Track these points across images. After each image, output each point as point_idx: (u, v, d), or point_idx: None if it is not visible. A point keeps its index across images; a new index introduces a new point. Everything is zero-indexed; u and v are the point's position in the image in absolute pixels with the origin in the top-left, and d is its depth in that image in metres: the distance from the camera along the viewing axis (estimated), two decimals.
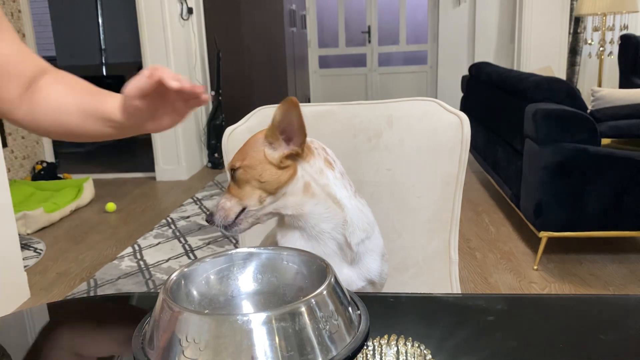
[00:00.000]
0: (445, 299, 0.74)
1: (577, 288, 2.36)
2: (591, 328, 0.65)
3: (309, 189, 0.83)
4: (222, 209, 0.84)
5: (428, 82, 6.59)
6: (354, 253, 0.86)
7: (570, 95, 2.57)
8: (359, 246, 0.86)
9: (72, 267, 2.81)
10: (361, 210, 0.87)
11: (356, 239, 0.85)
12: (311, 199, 0.83)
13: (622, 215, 2.36)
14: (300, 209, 0.83)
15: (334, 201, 0.84)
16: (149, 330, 0.54)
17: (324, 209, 0.83)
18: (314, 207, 0.83)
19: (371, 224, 0.88)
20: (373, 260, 0.88)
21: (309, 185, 0.83)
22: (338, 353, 0.50)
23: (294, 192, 0.83)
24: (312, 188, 0.83)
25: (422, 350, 0.56)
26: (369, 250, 0.87)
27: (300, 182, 0.82)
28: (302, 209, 0.83)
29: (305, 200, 0.83)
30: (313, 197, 0.83)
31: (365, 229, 0.86)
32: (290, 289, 0.62)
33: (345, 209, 0.84)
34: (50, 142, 4.69)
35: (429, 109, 1.09)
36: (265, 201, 0.83)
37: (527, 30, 5.10)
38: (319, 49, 6.81)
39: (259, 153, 0.82)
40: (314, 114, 1.14)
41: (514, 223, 3.16)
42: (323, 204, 0.83)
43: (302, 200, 0.83)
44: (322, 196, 0.83)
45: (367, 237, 0.87)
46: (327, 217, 0.83)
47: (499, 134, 3.33)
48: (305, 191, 0.83)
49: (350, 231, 0.84)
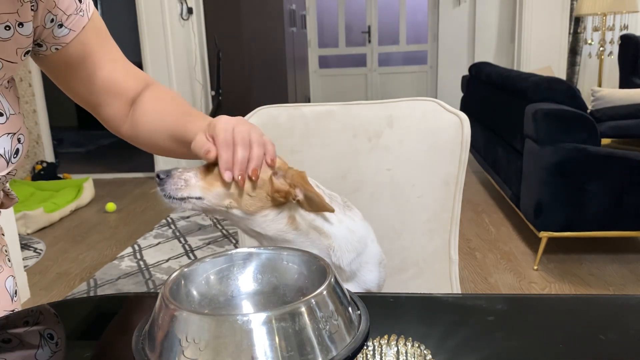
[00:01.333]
0: (445, 299, 0.74)
1: (577, 288, 2.36)
2: (591, 328, 0.65)
3: (293, 222, 0.79)
4: (182, 181, 0.74)
5: (428, 82, 6.59)
6: (347, 273, 0.83)
7: (570, 95, 2.57)
8: (352, 265, 0.83)
9: (72, 267, 2.81)
10: (351, 230, 0.83)
11: (346, 260, 0.82)
12: (294, 230, 0.79)
13: (622, 215, 2.36)
14: (282, 236, 0.79)
15: (320, 232, 0.80)
16: (148, 331, 0.54)
17: (306, 239, 0.80)
18: (296, 237, 0.79)
19: (362, 240, 0.85)
20: (369, 272, 0.86)
21: (294, 218, 0.79)
22: (338, 353, 0.50)
23: (277, 220, 0.78)
24: (297, 222, 0.79)
25: (422, 350, 0.56)
26: (364, 263, 0.85)
27: (284, 214, 0.78)
28: (284, 237, 0.79)
29: (287, 230, 0.79)
30: (297, 229, 0.79)
31: (354, 248, 0.83)
32: (290, 289, 0.62)
33: (332, 237, 0.81)
34: (50, 142, 4.69)
35: (429, 109, 1.09)
36: (231, 211, 0.76)
37: (527, 30, 5.10)
38: (319, 49, 6.81)
39: (265, 173, 0.75)
40: (314, 114, 1.14)
41: (514, 223, 3.16)
42: (305, 236, 0.80)
43: (285, 229, 0.79)
44: (305, 229, 0.79)
45: (359, 254, 0.84)
46: (309, 245, 0.80)
47: (499, 134, 3.33)
48: (289, 222, 0.79)
49: (338, 256, 0.81)
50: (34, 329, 0.70)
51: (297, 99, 5.87)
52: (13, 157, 0.72)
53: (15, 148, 0.72)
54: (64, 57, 0.77)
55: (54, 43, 0.74)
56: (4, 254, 0.84)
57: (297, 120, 1.14)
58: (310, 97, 6.72)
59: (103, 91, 0.82)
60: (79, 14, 0.74)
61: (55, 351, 0.65)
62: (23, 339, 0.68)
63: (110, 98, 0.83)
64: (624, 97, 3.43)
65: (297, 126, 1.14)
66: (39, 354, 0.64)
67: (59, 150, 4.85)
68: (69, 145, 6.10)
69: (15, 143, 0.72)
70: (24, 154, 0.75)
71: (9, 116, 0.71)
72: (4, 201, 0.82)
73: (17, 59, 0.70)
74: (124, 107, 0.85)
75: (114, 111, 0.84)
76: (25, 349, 0.66)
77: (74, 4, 0.74)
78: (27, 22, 0.68)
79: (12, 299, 0.83)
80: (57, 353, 0.65)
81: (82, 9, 0.75)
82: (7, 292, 0.82)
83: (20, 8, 0.66)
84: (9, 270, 0.84)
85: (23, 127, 0.75)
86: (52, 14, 0.71)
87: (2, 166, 0.70)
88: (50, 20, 0.71)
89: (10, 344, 0.67)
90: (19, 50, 0.70)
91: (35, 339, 0.67)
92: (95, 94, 0.82)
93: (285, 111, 1.15)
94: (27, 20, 0.68)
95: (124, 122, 0.85)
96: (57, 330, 0.70)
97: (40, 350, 0.65)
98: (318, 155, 1.12)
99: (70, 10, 0.73)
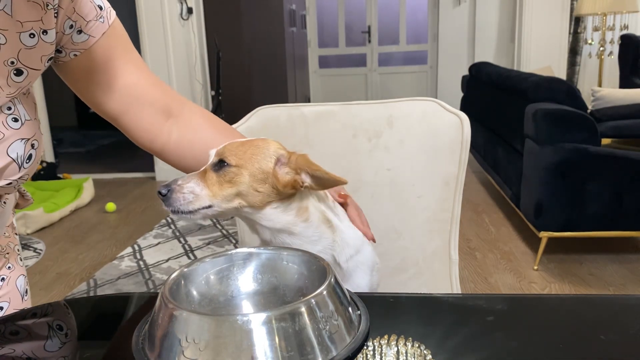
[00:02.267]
0: (445, 299, 0.74)
1: (577, 288, 2.36)
2: (591, 328, 0.64)
3: (303, 213, 0.77)
4: (189, 194, 0.73)
5: (428, 82, 6.59)
6: (343, 270, 0.82)
7: (570, 95, 2.57)
8: (348, 262, 0.82)
9: (72, 267, 2.81)
10: (351, 226, 0.84)
11: (345, 256, 0.81)
12: (303, 222, 0.77)
13: (622, 215, 2.36)
14: (290, 229, 0.77)
15: (328, 225, 0.79)
16: (148, 330, 0.54)
17: (314, 232, 0.78)
18: (304, 229, 0.77)
19: (360, 238, 0.84)
20: (362, 277, 0.84)
21: (305, 209, 0.77)
22: (338, 353, 0.50)
23: (287, 211, 0.76)
24: (308, 212, 0.77)
25: (422, 350, 0.56)
26: (360, 264, 0.84)
27: (294, 205, 0.76)
28: (292, 229, 0.77)
29: (296, 222, 0.77)
30: (306, 221, 0.77)
31: (354, 244, 0.82)
32: (290, 289, 0.62)
33: (337, 230, 0.80)
34: (50, 142, 4.69)
35: (429, 109, 1.09)
36: (242, 210, 0.76)
37: (527, 30, 5.09)
38: (319, 48, 6.81)
39: (267, 164, 0.74)
40: (314, 114, 1.14)
41: (514, 223, 3.16)
42: (315, 228, 0.78)
43: (293, 220, 0.77)
44: (316, 222, 0.78)
45: (357, 251, 0.83)
46: (316, 240, 0.78)
47: (499, 134, 3.33)
48: (298, 214, 0.77)
49: (339, 250, 0.80)
50: (42, 320, 0.70)
51: (297, 99, 5.87)
52: (26, 162, 0.72)
53: (29, 153, 0.72)
54: (83, 64, 0.76)
55: (72, 49, 0.74)
56: (15, 252, 0.85)
57: (297, 120, 1.14)
58: (310, 97, 6.72)
59: (126, 98, 0.79)
60: (99, 20, 0.74)
61: (65, 342, 0.65)
62: (31, 331, 0.68)
63: (135, 106, 0.80)
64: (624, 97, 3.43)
65: (297, 126, 1.14)
66: (48, 345, 0.64)
67: (59, 150, 4.85)
68: (69, 145, 6.10)
69: (29, 148, 0.72)
70: (37, 160, 0.75)
71: (24, 122, 0.71)
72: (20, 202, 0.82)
73: (40, 65, 0.70)
74: (154, 117, 0.82)
75: (141, 121, 0.81)
76: (34, 340, 0.66)
77: (94, 10, 0.73)
78: (50, 30, 0.68)
79: (22, 298, 0.84)
80: (67, 344, 0.64)
81: (103, 15, 0.75)
82: (18, 290, 0.83)
83: (44, 15, 0.67)
84: (20, 269, 0.85)
85: (38, 132, 0.74)
86: (71, 20, 0.71)
87: (14, 171, 0.70)
88: (69, 27, 0.71)
89: (18, 336, 0.67)
90: (43, 57, 0.70)
91: (44, 330, 0.67)
92: (117, 101, 0.79)
93: (285, 111, 1.15)
94: (51, 28, 0.68)
95: (157, 135, 0.82)
96: (67, 322, 0.70)
97: (50, 341, 0.65)
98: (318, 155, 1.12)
99: (90, 17, 0.73)
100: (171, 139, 0.83)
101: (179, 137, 0.84)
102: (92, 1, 0.73)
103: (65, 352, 0.63)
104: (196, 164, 0.83)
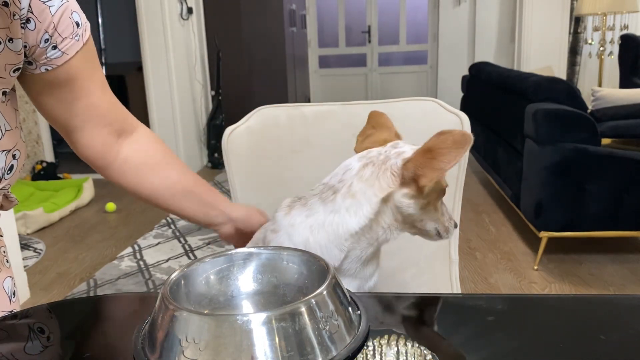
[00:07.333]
0: (445, 299, 0.74)
1: (577, 288, 2.36)
2: (591, 328, 0.64)
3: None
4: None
5: (428, 82, 6.59)
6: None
7: (570, 95, 2.57)
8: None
9: (71, 267, 2.81)
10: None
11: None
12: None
13: (622, 215, 2.36)
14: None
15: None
16: (148, 331, 0.54)
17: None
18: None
19: None
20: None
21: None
22: (338, 353, 0.50)
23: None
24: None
25: (422, 351, 0.56)
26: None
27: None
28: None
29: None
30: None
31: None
32: (290, 289, 0.62)
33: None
34: (50, 142, 4.69)
35: (429, 109, 1.09)
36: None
37: (527, 30, 5.10)
38: (319, 48, 6.81)
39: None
40: (314, 114, 1.14)
41: (514, 223, 3.16)
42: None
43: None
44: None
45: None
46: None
47: (499, 134, 3.33)
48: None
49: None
50: (22, 322, 0.70)
51: (297, 99, 5.87)
52: (7, 173, 0.71)
53: (10, 164, 0.71)
54: (49, 78, 0.74)
55: (44, 63, 0.72)
56: (2, 254, 0.84)
57: (297, 120, 1.14)
58: (310, 97, 6.72)
59: (85, 117, 0.80)
60: (74, 39, 0.73)
61: (46, 345, 0.64)
62: (10, 332, 0.68)
63: (92, 124, 0.81)
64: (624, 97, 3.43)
65: (297, 126, 1.14)
66: (28, 347, 0.63)
67: (59, 150, 4.85)
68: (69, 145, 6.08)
69: (10, 159, 0.72)
70: (19, 168, 0.74)
71: (4, 132, 0.70)
72: (4, 204, 0.81)
73: (5, 74, 0.69)
74: (108, 137, 0.83)
75: (94, 139, 0.82)
76: (13, 342, 0.65)
77: (72, 27, 0.72)
78: (16, 39, 0.67)
79: (10, 300, 0.83)
80: (49, 348, 0.64)
81: (79, 33, 0.73)
82: (5, 292, 0.82)
83: (11, 25, 0.65)
84: (7, 271, 0.85)
85: (20, 142, 0.73)
86: (48, 34, 0.70)
87: None
88: (45, 40, 0.70)
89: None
90: (8, 66, 0.68)
91: (24, 331, 0.67)
92: (75, 118, 0.79)
93: (285, 111, 1.15)
94: (17, 37, 0.67)
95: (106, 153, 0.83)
96: (49, 325, 0.70)
97: (30, 343, 0.64)
98: (318, 155, 1.12)
99: (66, 33, 0.71)
100: (118, 158, 0.84)
101: (125, 157, 0.85)
102: (71, 17, 0.72)
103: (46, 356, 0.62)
104: (137, 184, 0.86)
